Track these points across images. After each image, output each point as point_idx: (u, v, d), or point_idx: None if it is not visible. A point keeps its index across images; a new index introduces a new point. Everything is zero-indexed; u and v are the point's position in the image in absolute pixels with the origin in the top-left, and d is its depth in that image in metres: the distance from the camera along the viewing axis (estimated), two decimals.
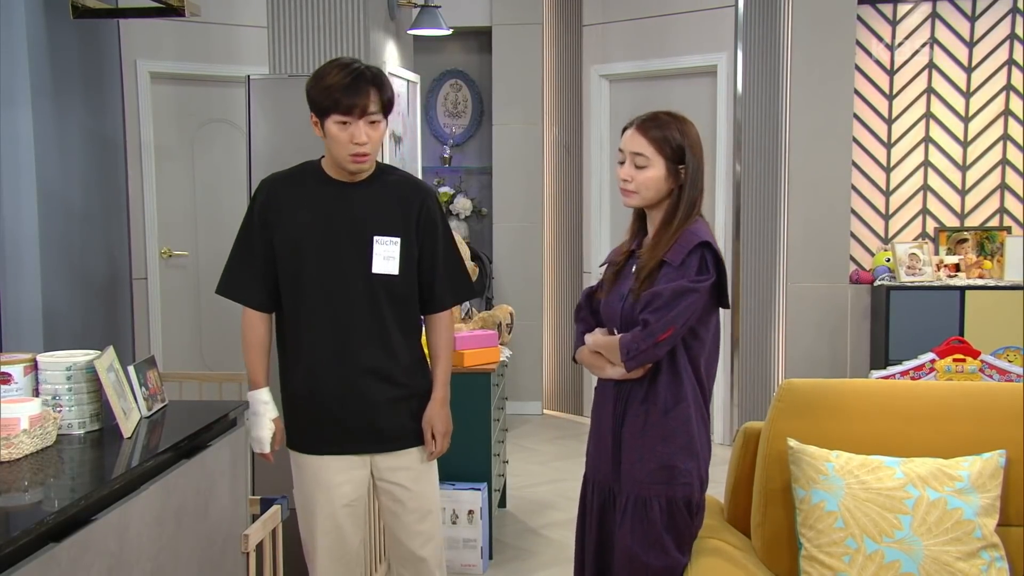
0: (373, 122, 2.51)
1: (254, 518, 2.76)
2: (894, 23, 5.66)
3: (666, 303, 2.33)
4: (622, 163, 2.47)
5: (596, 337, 2.51)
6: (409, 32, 5.98)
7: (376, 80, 2.52)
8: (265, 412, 2.65)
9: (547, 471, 5.48)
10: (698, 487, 2.42)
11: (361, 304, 2.58)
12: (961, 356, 3.61)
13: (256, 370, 2.66)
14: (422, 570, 2.75)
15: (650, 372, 2.41)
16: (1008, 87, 5.59)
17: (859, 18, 5.58)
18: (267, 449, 2.67)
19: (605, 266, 2.62)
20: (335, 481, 2.65)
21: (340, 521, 2.67)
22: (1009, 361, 3.67)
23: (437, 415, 2.68)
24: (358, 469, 2.67)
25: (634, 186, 2.44)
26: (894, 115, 5.70)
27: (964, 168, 5.68)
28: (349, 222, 2.58)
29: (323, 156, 2.64)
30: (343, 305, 2.58)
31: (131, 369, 2.44)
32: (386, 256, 2.58)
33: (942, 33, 5.63)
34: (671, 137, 2.42)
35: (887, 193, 5.74)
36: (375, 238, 2.58)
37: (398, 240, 2.59)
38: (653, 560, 2.37)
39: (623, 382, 2.46)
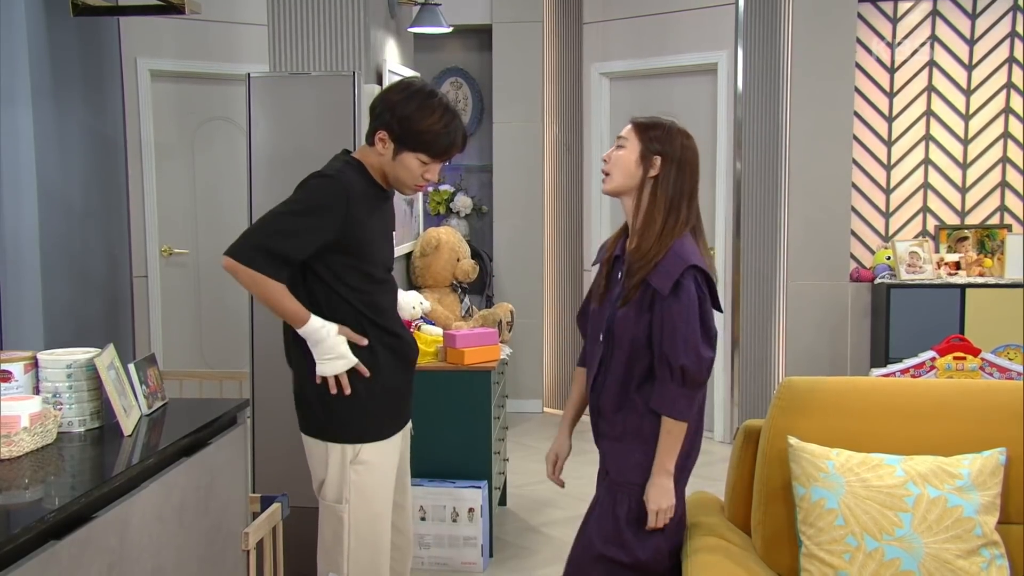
0: None
1: (254, 516, 2.76)
2: (895, 21, 5.66)
3: (700, 339, 2.36)
4: None
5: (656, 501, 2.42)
6: (409, 30, 5.97)
7: (464, 129, 2.62)
8: (331, 328, 2.53)
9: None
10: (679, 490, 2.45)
11: (393, 289, 2.76)
12: (961, 354, 3.60)
13: (299, 306, 2.52)
14: (407, 545, 2.88)
15: (627, 378, 2.43)
16: (1008, 85, 5.59)
17: (860, 16, 5.57)
18: (354, 359, 2.56)
19: (598, 266, 2.63)
20: (395, 466, 2.74)
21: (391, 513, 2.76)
22: (1009, 359, 3.66)
23: None
24: (403, 446, 2.84)
25: (609, 166, 2.48)
26: (894, 113, 5.70)
27: (964, 166, 5.68)
28: (388, 220, 2.76)
29: (355, 157, 2.66)
30: (393, 291, 2.75)
31: (131, 367, 2.45)
32: (393, 245, 2.80)
33: (943, 31, 5.63)
34: (653, 127, 2.46)
35: (887, 191, 5.74)
36: (392, 233, 2.79)
37: (394, 232, 2.83)
38: (611, 552, 2.42)
39: (596, 391, 2.52)
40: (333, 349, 2.54)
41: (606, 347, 2.48)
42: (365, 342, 2.59)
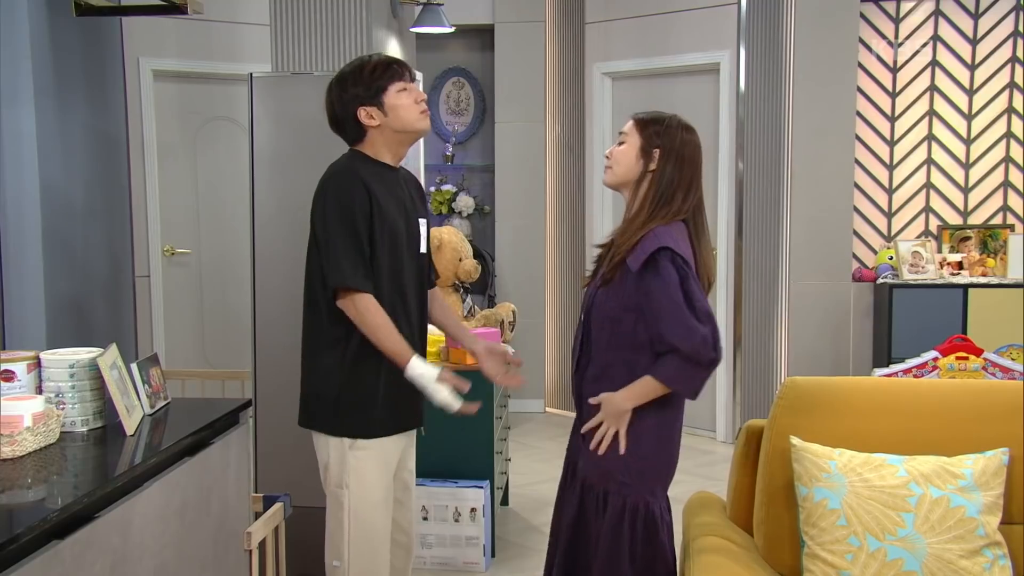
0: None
1: (257, 516, 2.77)
2: (897, 20, 5.66)
3: (687, 315, 2.36)
4: None
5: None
6: (412, 30, 5.97)
7: None
8: (429, 375, 2.58)
9: (549, 469, 5.48)
10: (643, 491, 2.46)
11: (413, 283, 2.72)
12: (964, 354, 3.60)
13: (404, 344, 2.58)
14: (408, 544, 2.88)
15: (605, 360, 2.46)
16: (1011, 84, 5.59)
17: (862, 15, 5.57)
18: (458, 403, 2.61)
19: None
20: (396, 459, 2.74)
21: (391, 504, 2.75)
22: (1012, 359, 3.66)
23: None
24: (407, 446, 2.82)
25: (611, 161, 2.53)
26: (897, 113, 5.69)
27: (967, 166, 5.68)
28: (405, 207, 2.71)
29: (354, 151, 2.67)
30: (410, 285, 2.71)
31: (134, 366, 2.45)
32: (424, 237, 2.76)
33: (945, 30, 5.62)
34: (654, 123, 2.49)
35: (890, 191, 5.73)
36: (420, 220, 2.74)
37: (425, 222, 2.78)
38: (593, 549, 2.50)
39: (580, 373, 2.57)
40: (433, 397, 2.59)
41: (585, 327, 2.54)
42: (467, 388, 2.62)
